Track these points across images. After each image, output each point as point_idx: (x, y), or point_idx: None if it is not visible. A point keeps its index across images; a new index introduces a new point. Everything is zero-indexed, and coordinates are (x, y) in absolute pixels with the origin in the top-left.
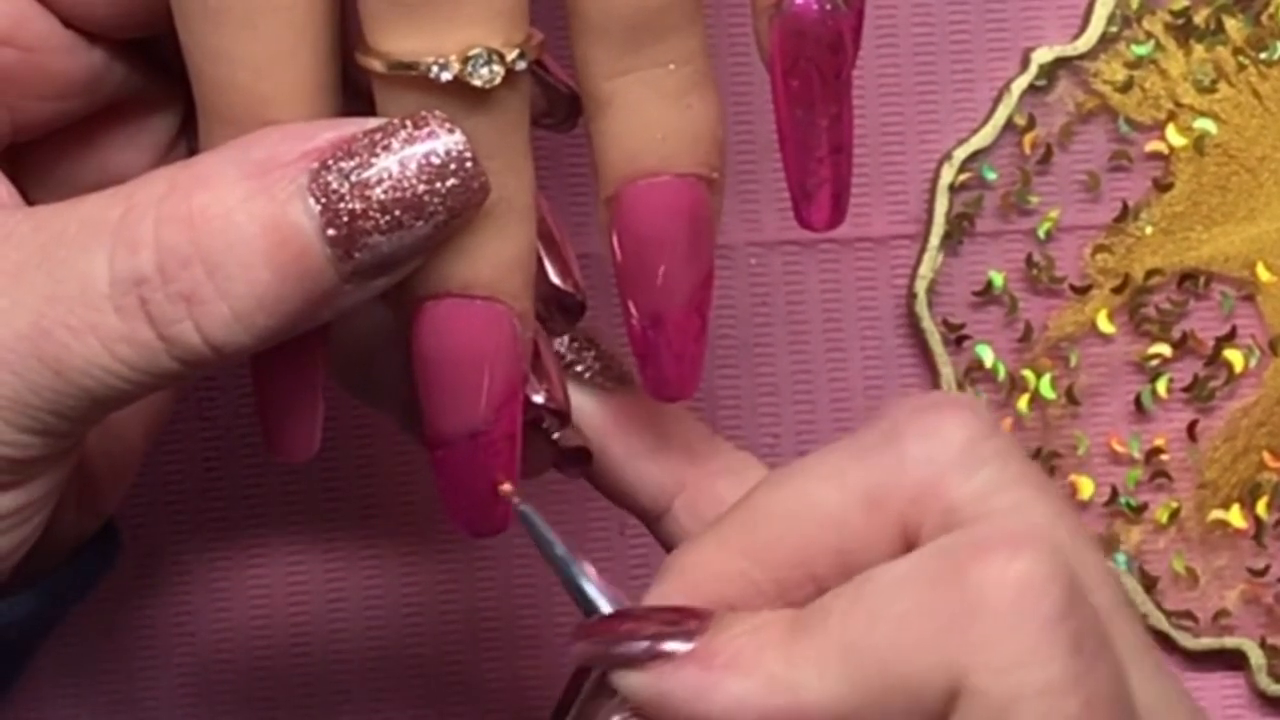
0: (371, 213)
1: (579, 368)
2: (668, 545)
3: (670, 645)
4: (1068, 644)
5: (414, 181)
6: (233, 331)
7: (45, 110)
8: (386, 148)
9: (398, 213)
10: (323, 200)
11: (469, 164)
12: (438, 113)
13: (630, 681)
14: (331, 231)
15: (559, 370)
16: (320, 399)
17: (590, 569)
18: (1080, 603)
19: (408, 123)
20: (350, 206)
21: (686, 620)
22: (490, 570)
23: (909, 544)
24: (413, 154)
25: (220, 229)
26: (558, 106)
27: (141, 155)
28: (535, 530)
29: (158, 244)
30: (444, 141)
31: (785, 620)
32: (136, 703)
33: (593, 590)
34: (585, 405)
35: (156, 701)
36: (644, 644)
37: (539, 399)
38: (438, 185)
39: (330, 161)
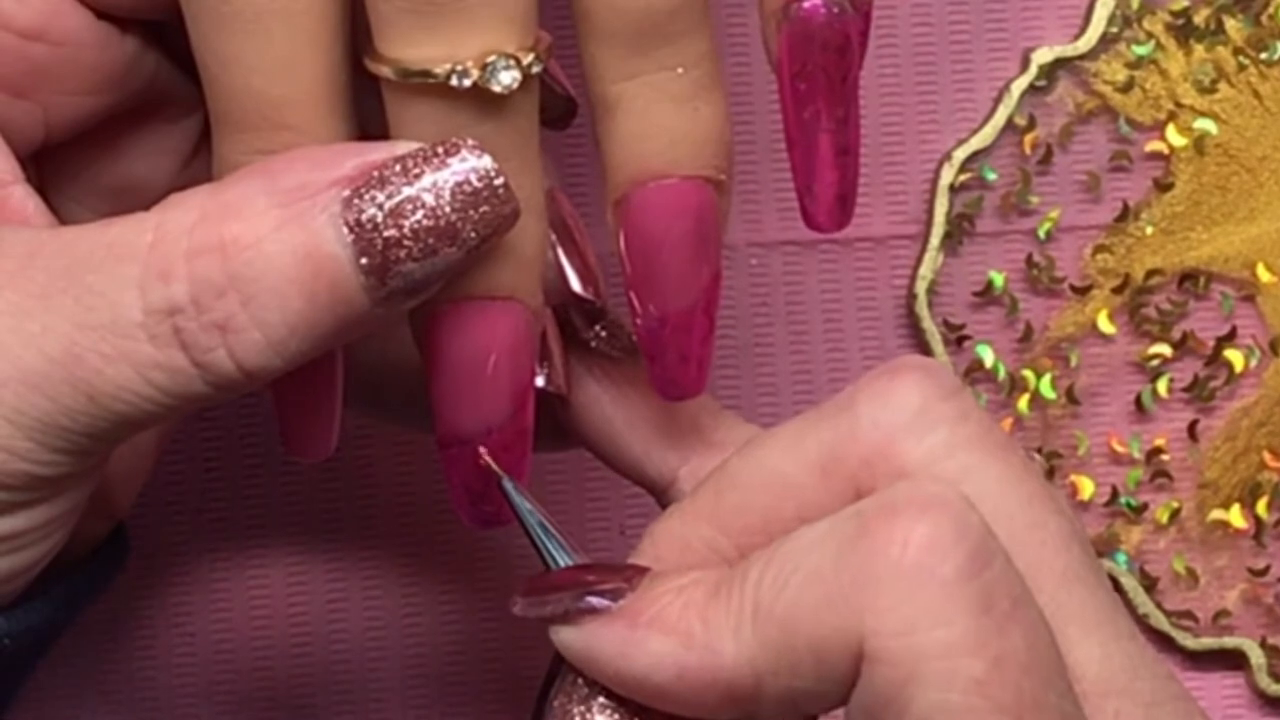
0: (405, 241)
1: (586, 335)
2: None
3: (597, 601)
4: (972, 603)
5: (447, 209)
6: (266, 357)
7: (79, 106)
8: (418, 175)
9: (431, 240)
10: (356, 229)
11: (501, 189)
12: (469, 140)
13: (562, 636)
14: (365, 260)
15: (562, 353)
16: (339, 397)
17: (564, 542)
18: (989, 563)
19: (439, 149)
20: (384, 235)
21: (615, 578)
22: (490, 570)
23: None
24: (445, 181)
25: (253, 259)
26: (553, 106)
27: (166, 163)
28: (512, 499)
29: (191, 275)
30: (475, 167)
31: (710, 580)
32: (136, 703)
33: (564, 559)
34: (591, 374)
35: (156, 702)
36: (573, 599)
37: (540, 381)
38: (470, 212)
39: (363, 189)
